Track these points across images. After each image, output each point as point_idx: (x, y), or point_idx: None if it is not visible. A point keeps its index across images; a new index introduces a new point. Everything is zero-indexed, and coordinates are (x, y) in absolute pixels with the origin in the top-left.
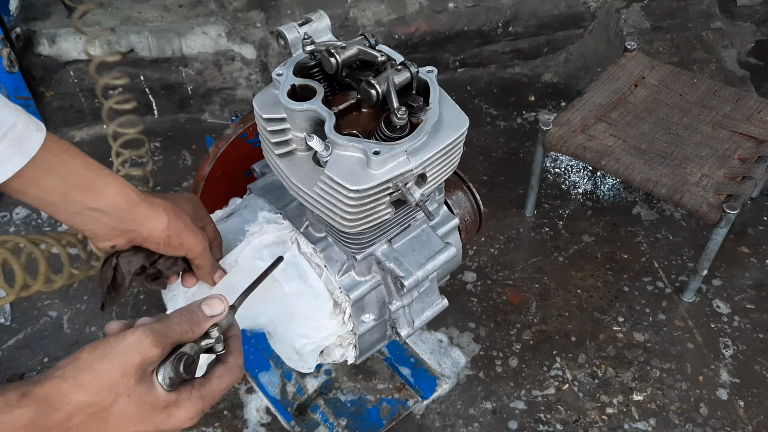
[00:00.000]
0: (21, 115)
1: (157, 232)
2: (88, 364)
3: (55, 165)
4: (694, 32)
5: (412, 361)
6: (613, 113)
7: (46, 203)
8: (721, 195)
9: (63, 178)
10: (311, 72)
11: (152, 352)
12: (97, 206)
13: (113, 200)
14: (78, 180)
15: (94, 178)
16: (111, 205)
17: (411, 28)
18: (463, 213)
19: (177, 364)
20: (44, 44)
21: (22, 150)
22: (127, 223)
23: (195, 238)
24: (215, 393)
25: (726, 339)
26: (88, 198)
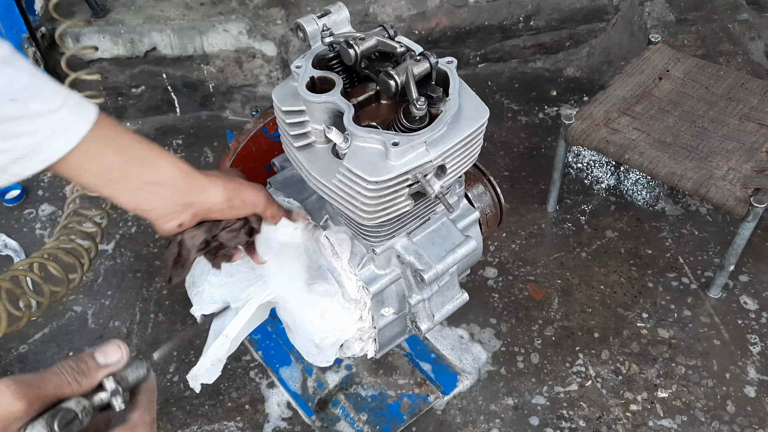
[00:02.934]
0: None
1: (217, 197)
2: None
3: (111, 137)
4: (720, 24)
5: (433, 356)
6: (637, 106)
7: (108, 181)
8: (748, 189)
9: (120, 151)
10: (330, 64)
11: (13, 406)
12: (156, 179)
13: (169, 171)
14: (133, 153)
15: (147, 151)
16: (169, 177)
17: (431, 23)
18: (483, 206)
19: (51, 420)
20: (69, 43)
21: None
22: (187, 194)
23: (254, 192)
24: None
25: (753, 336)
26: (146, 172)
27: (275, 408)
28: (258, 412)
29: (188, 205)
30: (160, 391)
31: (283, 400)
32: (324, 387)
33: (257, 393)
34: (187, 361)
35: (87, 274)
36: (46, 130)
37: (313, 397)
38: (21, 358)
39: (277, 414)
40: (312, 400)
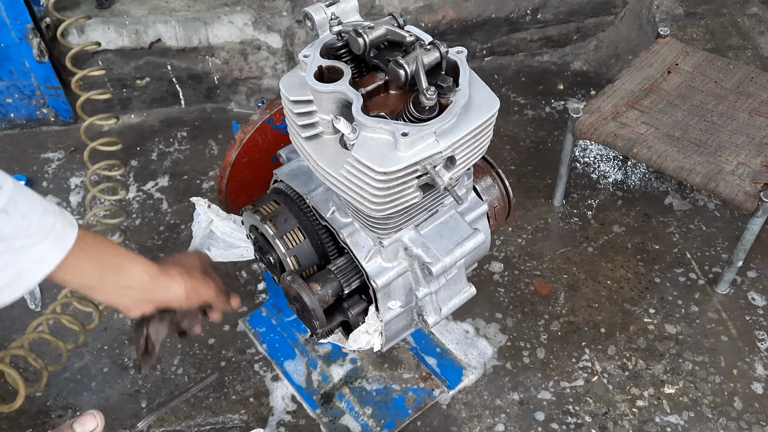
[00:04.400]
0: (59, 217)
1: (177, 296)
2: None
3: (92, 254)
4: (730, 18)
5: (438, 351)
6: (645, 100)
7: (85, 287)
8: (758, 183)
9: (99, 263)
10: (338, 53)
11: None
12: (127, 284)
13: (140, 277)
14: (111, 263)
15: (123, 261)
16: (139, 281)
17: (438, 15)
18: (492, 199)
19: None
20: (74, 34)
21: (62, 244)
22: (152, 294)
23: (208, 288)
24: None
25: (761, 332)
26: (120, 277)
27: (280, 401)
28: (262, 405)
29: (151, 301)
30: (164, 383)
31: (288, 394)
32: (329, 380)
33: (262, 386)
34: (191, 353)
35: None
36: (27, 261)
37: (317, 391)
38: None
39: (281, 407)
40: (317, 394)
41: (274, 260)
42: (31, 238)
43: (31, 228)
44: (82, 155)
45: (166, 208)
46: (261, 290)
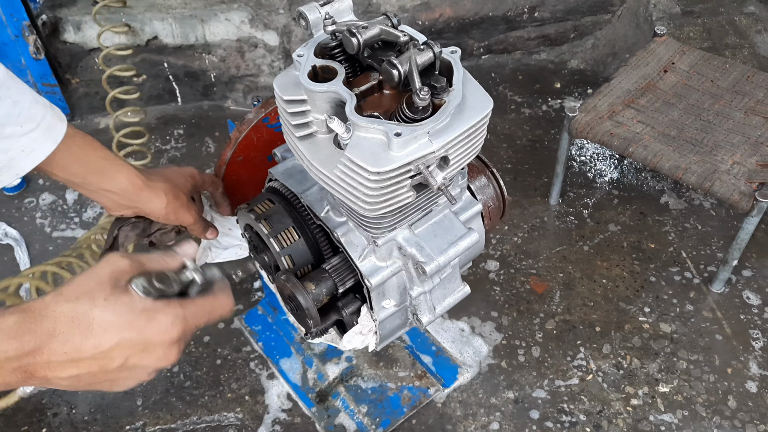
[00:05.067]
0: (48, 109)
1: (157, 210)
2: (67, 283)
3: (78, 154)
4: (727, 17)
5: (434, 349)
6: (641, 99)
7: (69, 182)
8: (753, 183)
9: (84, 165)
10: (332, 53)
11: (121, 262)
12: (109, 188)
13: (123, 185)
14: (96, 167)
15: (108, 166)
16: (121, 188)
17: (435, 13)
18: (486, 199)
19: (149, 276)
20: (70, 31)
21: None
22: (133, 202)
23: (188, 213)
24: (197, 307)
25: (756, 331)
26: (103, 181)
27: (275, 399)
28: (258, 403)
29: (131, 207)
30: (159, 381)
31: (283, 392)
32: (324, 379)
33: (257, 384)
34: (186, 351)
35: None
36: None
37: (313, 389)
38: None
39: (277, 405)
40: (312, 392)
41: (269, 259)
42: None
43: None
44: None
45: None
46: (257, 288)
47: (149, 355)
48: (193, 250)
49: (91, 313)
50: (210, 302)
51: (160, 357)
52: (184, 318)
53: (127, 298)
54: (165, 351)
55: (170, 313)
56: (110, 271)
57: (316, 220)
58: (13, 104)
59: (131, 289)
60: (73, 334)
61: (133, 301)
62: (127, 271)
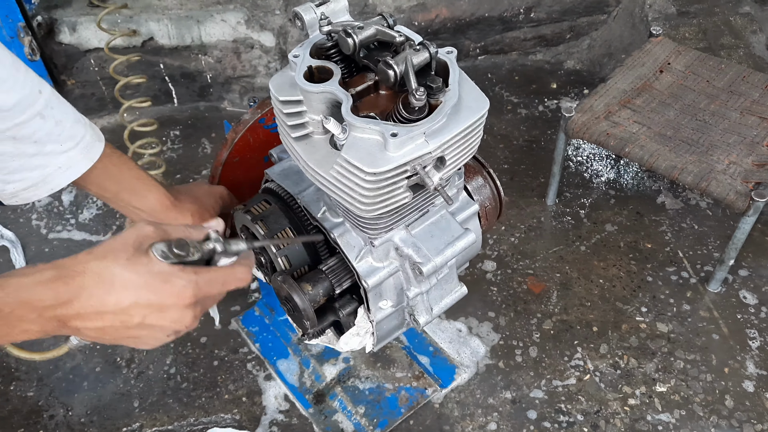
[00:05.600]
0: (88, 128)
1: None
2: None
3: (113, 172)
4: (722, 17)
5: (431, 349)
6: (637, 99)
7: (101, 197)
8: (749, 183)
9: (117, 182)
10: (328, 53)
11: (146, 229)
12: (139, 206)
13: (152, 204)
14: (128, 185)
15: (140, 185)
16: (149, 207)
17: (431, 14)
18: (483, 199)
19: (169, 243)
20: (65, 32)
21: (89, 156)
22: (159, 220)
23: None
24: (212, 275)
25: (753, 330)
26: (133, 199)
27: (272, 400)
28: (255, 404)
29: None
30: (156, 382)
31: (281, 393)
32: (321, 380)
33: (254, 385)
34: (183, 353)
35: None
36: (54, 166)
37: (310, 390)
38: None
39: (274, 406)
40: (309, 393)
41: (266, 260)
42: (61, 145)
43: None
44: None
45: None
46: (254, 289)
47: (165, 316)
48: (219, 224)
49: (114, 270)
50: (226, 272)
51: (175, 319)
52: (196, 283)
53: (145, 260)
54: (179, 313)
55: (184, 277)
56: (136, 236)
57: (312, 221)
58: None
59: (151, 253)
60: (99, 288)
61: (151, 263)
62: (151, 236)
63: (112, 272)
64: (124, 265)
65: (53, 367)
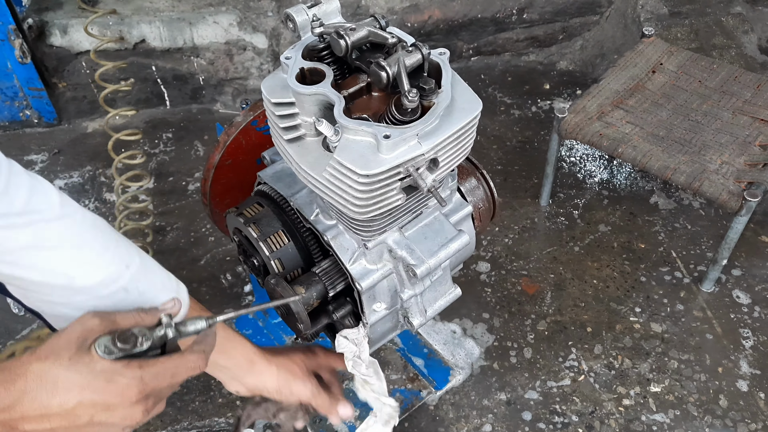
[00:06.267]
0: (173, 293)
1: (269, 384)
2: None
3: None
4: (714, 18)
5: (426, 351)
6: (630, 100)
7: None
8: (741, 182)
9: None
10: (320, 55)
11: (90, 322)
12: (225, 364)
13: (237, 360)
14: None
15: (227, 342)
16: (235, 364)
17: (424, 15)
18: (476, 200)
19: (114, 335)
20: (56, 35)
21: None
22: (245, 377)
23: (303, 386)
24: (159, 368)
25: (746, 330)
26: (219, 357)
27: None
28: None
29: (245, 382)
30: None
31: None
32: None
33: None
34: None
35: None
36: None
37: None
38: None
39: None
40: None
41: (259, 263)
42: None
43: (145, 304)
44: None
45: (152, 210)
46: (247, 292)
47: (113, 414)
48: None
49: (56, 372)
50: (175, 362)
51: (123, 416)
52: (141, 379)
53: (87, 358)
54: (128, 410)
55: (127, 374)
56: (80, 331)
57: (305, 223)
58: (139, 294)
59: (93, 350)
60: (41, 392)
61: (93, 362)
62: (95, 330)
63: (55, 374)
64: (67, 365)
65: None
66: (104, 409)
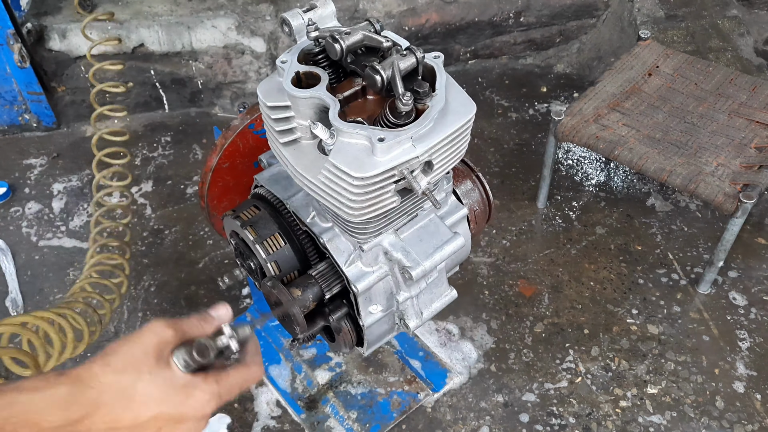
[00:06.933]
0: None
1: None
2: (113, 349)
3: None
4: (710, 20)
5: (423, 353)
6: (626, 103)
7: None
8: (737, 184)
9: None
10: (316, 59)
11: (166, 332)
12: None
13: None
14: None
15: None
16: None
17: (421, 19)
18: (471, 203)
19: (190, 348)
20: (55, 39)
21: None
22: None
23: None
24: (231, 382)
25: (742, 331)
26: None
27: (264, 407)
28: (247, 410)
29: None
30: None
31: (273, 399)
32: (313, 385)
33: (246, 392)
34: None
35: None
36: None
37: (302, 395)
38: None
39: (266, 412)
40: (301, 399)
41: (255, 266)
42: None
43: None
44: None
45: (150, 213)
46: (245, 295)
47: (181, 426)
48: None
49: (136, 386)
50: (243, 374)
51: (189, 428)
52: (219, 395)
53: (169, 373)
54: (196, 424)
55: (207, 390)
56: (156, 342)
57: (302, 226)
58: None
59: (173, 364)
60: (117, 405)
61: (175, 377)
62: (171, 341)
63: (134, 388)
64: (148, 380)
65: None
66: (176, 421)
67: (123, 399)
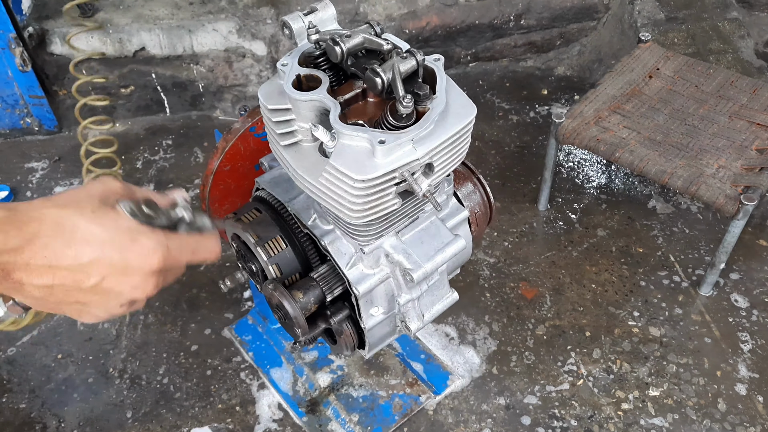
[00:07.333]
0: None
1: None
2: (56, 194)
3: None
4: (710, 23)
5: (424, 356)
6: (627, 105)
7: None
8: (738, 186)
9: None
10: (316, 62)
11: (114, 183)
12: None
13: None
14: None
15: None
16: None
17: (422, 22)
18: (472, 205)
19: (138, 201)
20: (57, 43)
21: None
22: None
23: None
24: (182, 242)
25: (744, 333)
26: None
27: (266, 409)
28: (248, 413)
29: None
30: (149, 392)
31: (274, 402)
32: (315, 388)
33: (248, 394)
34: (176, 362)
35: None
36: None
37: (304, 398)
38: (9, 360)
39: (267, 416)
40: (303, 402)
41: (257, 268)
42: None
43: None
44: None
45: None
46: (247, 298)
47: (126, 280)
48: (184, 193)
49: (77, 221)
50: (196, 240)
51: (136, 284)
52: (167, 247)
53: (113, 214)
54: (142, 278)
55: (153, 238)
56: (102, 189)
57: (303, 228)
58: None
59: (119, 207)
60: (56, 239)
61: (119, 218)
62: (118, 192)
63: (75, 222)
64: (90, 217)
65: (45, 378)
66: (120, 272)
67: (63, 233)
